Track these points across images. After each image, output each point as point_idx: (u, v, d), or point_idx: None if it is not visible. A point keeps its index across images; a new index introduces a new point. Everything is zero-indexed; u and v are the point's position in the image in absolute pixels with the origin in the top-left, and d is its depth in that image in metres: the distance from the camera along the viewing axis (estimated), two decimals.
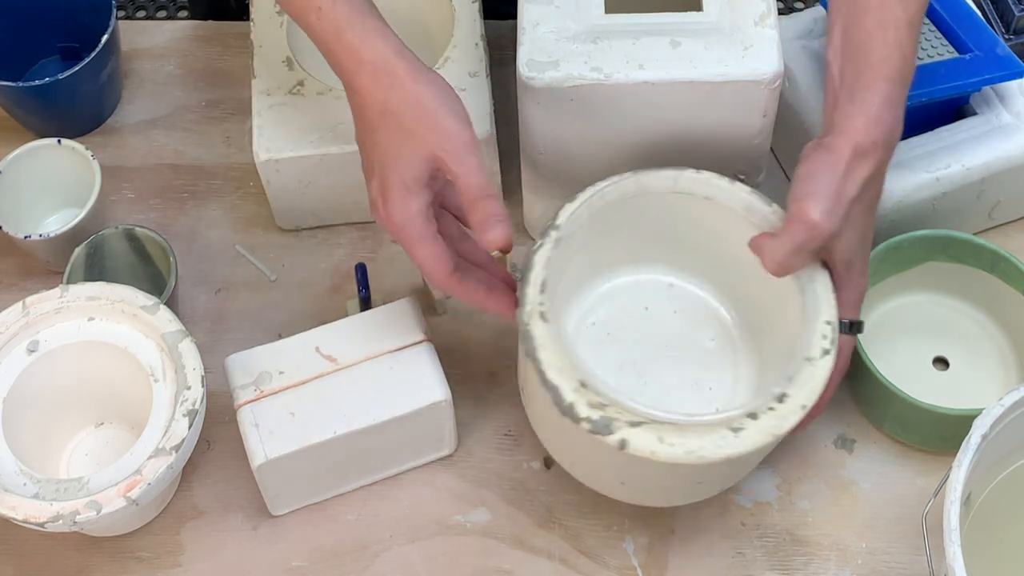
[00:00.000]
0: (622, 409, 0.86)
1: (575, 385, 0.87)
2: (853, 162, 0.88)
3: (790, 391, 0.87)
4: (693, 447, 0.85)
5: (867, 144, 0.88)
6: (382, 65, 0.89)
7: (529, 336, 0.88)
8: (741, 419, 0.86)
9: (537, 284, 0.90)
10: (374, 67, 0.89)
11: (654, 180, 0.96)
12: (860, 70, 0.90)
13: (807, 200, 0.87)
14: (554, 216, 0.93)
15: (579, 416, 0.86)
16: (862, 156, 0.88)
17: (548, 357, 0.87)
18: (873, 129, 0.89)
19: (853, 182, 0.88)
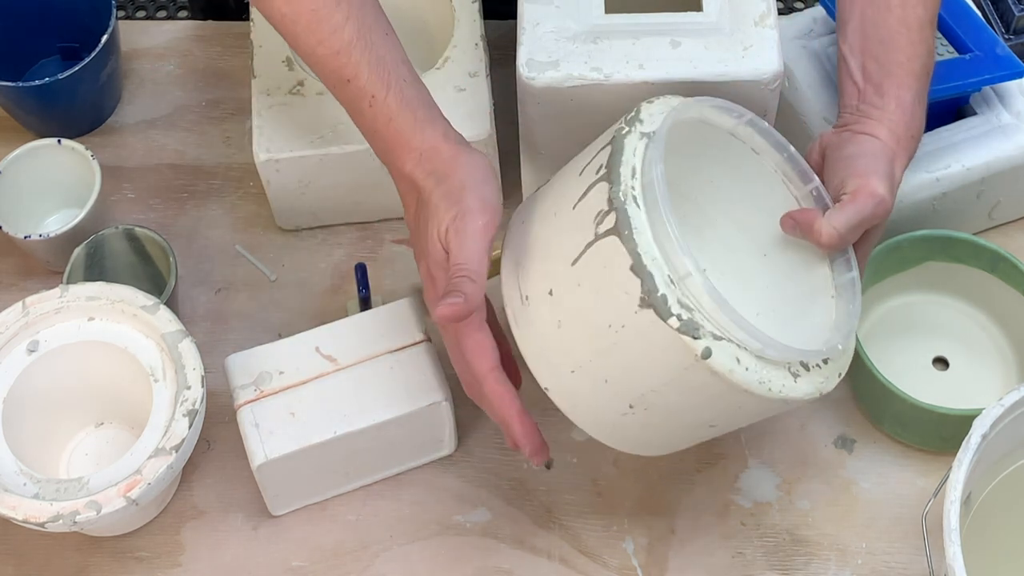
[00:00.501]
0: (707, 317, 0.81)
1: (665, 279, 0.81)
2: (896, 151, 0.91)
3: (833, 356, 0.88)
4: (764, 378, 0.82)
5: (905, 137, 0.92)
6: (433, 151, 0.89)
7: (625, 216, 0.82)
8: (798, 367, 0.85)
9: (629, 167, 0.84)
10: (420, 155, 0.89)
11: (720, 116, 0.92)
12: (888, 68, 0.93)
13: (874, 176, 0.89)
14: (632, 111, 0.89)
15: (670, 311, 0.80)
16: (901, 147, 0.92)
17: (644, 242, 0.81)
18: (910, 123, 0.92)
19: (900, 170, 0.92)
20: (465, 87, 1.08)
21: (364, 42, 0.89)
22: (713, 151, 0.94)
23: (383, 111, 0.90)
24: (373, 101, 0.90)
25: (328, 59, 0.90)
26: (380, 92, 0.90)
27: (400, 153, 0.90)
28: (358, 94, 0.90)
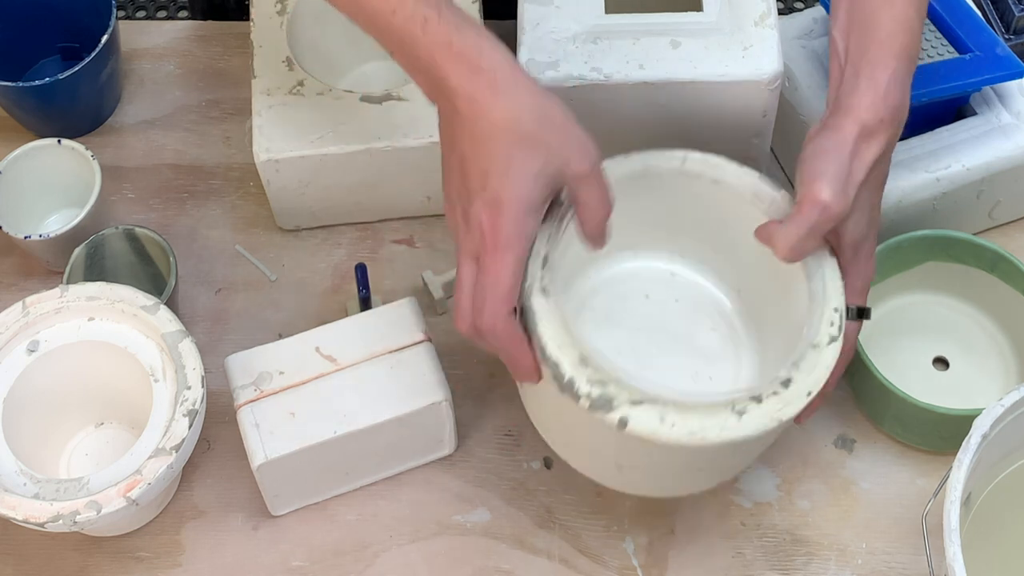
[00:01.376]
0: (623, 387, 0.84)
1: (575, 360, 0.84)
2: (860, 143, 0.87)
3: (795, 376, 0.86)
4: (695, 428, 0.83)
5: (874, 122, 0.87)
6: (503, 75, 0.82)
7: (530, 310, 0.86)
8: (745, 402, 0.84)
9: (539, 259, 0.87)
10: (494, 77, 0.82)
11: (662, 160, 0.93)
12: (866, 46, 0.89)
13: (817, 181, 0.85)
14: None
15: (579, 392, 0.83)
16: (869, 135, 0.87)
17: (548, 331, 0.85)
18: (880, 106, 0.87)
19: (861, 163, 0.87)
20: None
21: None
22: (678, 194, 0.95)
23: (441, 33, 0.82)
24: (426, 25, 0.83)
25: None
26: (432, 14, 0.83)
27: (464, 74, 0.82)
28: (407, 22, 0.83)
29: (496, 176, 0.81)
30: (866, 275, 0.91)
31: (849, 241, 0.89)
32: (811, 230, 0.86)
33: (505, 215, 0.81)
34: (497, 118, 0.81)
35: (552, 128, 0.82)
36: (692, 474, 0.92)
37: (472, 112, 0.82)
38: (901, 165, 1.03)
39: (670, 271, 1.00)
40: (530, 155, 0.81)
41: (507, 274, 0.82)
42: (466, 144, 0.83)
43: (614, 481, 0.93)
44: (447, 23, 0.83)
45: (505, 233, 0.81)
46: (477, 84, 0.82)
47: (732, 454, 0.89)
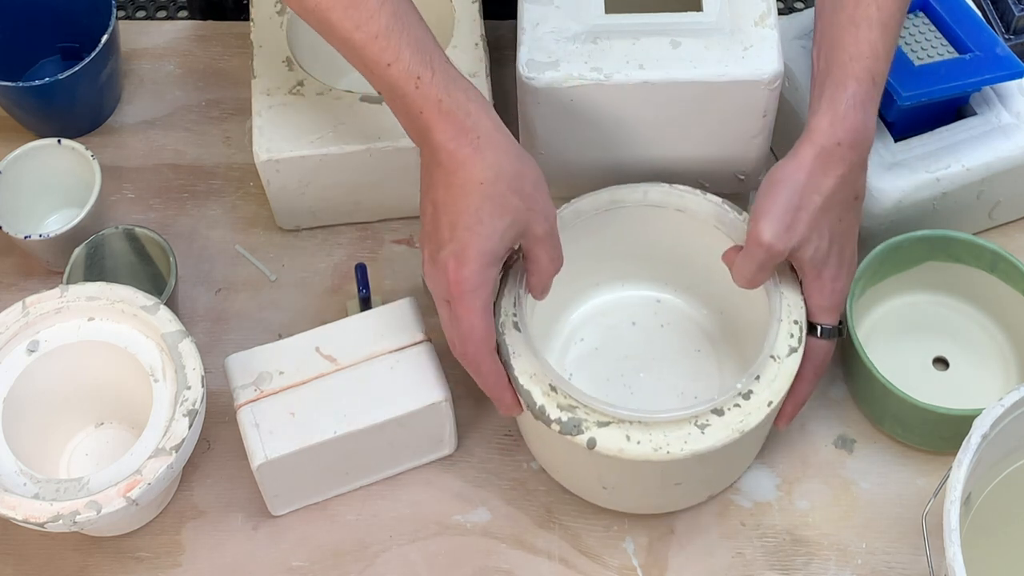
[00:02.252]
0: (591, 410, 0.89)
1: (545, 389, 0.90)
2: (816, 170, 0.89)
3: (755, 388, 0.91)
4: (660, 444, 0.88)
5: (831, 145, 0.89)
6: (485, 137, 0.88)
7: (503, 344, 0.93)
8: (707, 415, 0.89)
9: (511, 296, 0.94)
10: (477, 137, 0.87)
11: (626, 193, 0.99)
12: (829, 68, 0.91)
13: (761, 221, 0.89)
14: None
15: (550, 418, 0.90)
16: (826, 161, 0.89)
17: (520, 364, 0.92)
18: (838, 128, 0.89)
19: (816, 192, 0.89)
20: None
21: (402, 24, 0.88)
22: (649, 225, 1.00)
23: (432, 92, 0.88)
24: (419, 83, 0.88)
25: (367, 44, 0.88)
26: (425, 73, 0.88)
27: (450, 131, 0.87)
28: (401, 77, 0.88)
29: (463, 228, 0.87)
30: (833, 295, 0.93)
31: (809, 265, 0.92)
32: (759, 266, 0.91)
33: (469, 266, 0.87)
34: (474, 175, 0.87)
35: (522, 194, 0.88)
36: (671, 489, 0.95)
37: (451, 165, 0.88)
38: (901, 165, 1.03)
39: (655, 298, 1.05)
40: (498, 214, 0.87)
41: (479, 319, 0.88)
42: (440, 192, 0.88)
43: (603, 500, 0.98)
44: (438, 84, 0.88)
45: (470, 282, 0.87)
46: (460, 142, 0.87)
47: (704, 468, 0.93)
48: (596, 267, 1.03)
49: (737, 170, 1.05)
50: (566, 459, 0.96)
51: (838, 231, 0.92)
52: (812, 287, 0.93)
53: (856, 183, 0.92)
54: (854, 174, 0.91)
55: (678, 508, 0.99)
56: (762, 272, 0.91)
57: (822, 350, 0.94)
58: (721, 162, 1.04)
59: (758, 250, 0.90)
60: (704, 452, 0.88)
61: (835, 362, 1.05)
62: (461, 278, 0.87)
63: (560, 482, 1.00)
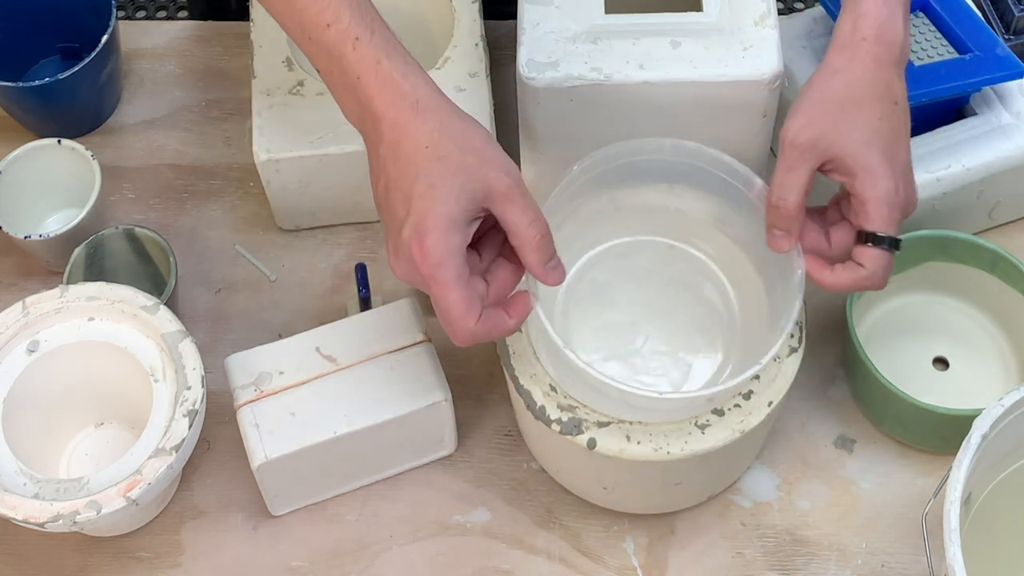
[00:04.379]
0: (591, 410, 0.89)
1: (545, 389, 0.90)
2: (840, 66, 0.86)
3: (755, 388, 0.90)
4: (660, 444, 0.88)
5: (855, 42, 0.86)
6: (425, 99, 0.83)
7: (504, 346, 0.92)
8: (707, 415, 0.89)
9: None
10: (416, 100, 0.83)
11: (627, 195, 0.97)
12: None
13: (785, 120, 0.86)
14: None
15: (550, 419, 0.90)
16: (851, 56, 0.86)
17: (521, 365, 0.92)
18: (861, 26, 0.86)
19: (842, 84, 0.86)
20: (465, 87, 1.08)
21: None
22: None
23: (370, 53, 0.83)
24: (357, 43, 0.83)
25: (308, 4, 0.84)
26: (364, 34, 0.83)
27: (388, 98, 0.83)
28: (340, 37, 0.83)
29: (417, 198, 0.82)
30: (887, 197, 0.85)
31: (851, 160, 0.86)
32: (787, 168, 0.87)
33: (431, 235, 0.81)
34: (419, 140, 0.82)
35: (471, 150, 0.83)
36: (671, 489, 0.95)
37: (394, 135, 0.83)
38: None
39: (668, 245, 1.00)
40: (450, 175, 0.82)
41: (454, 295, 0.82)
42: (391, 170, 0.84)
43: (604, 500, 0.98)
44: (377, 46, 0.84)
45: (436, 253, 0.81)
46: (400, 107, 0.83)
47: (705, 468, 0.92)
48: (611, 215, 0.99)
49: None
50: (566, 459, 0.96)
51: (880, 130, 0.86)
52: (860, 187, 0.85)
53: (891, 84, 0.87)
54: (885, 72, 0.86)
55: (678, 508, 0.99)
56: (792, 175, 0.86)
57: (875, 263, 0.86)
58: None
59: (788, 150, 0.85)
60: (704, 452, 0.89)
61: (835, 362, 1.05)
62: (425, 251, 0.81)
63: (560, 482, 1.00)
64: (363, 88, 0.84)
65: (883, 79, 0.86)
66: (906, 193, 0.87)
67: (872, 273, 0.86)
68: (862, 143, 0.85)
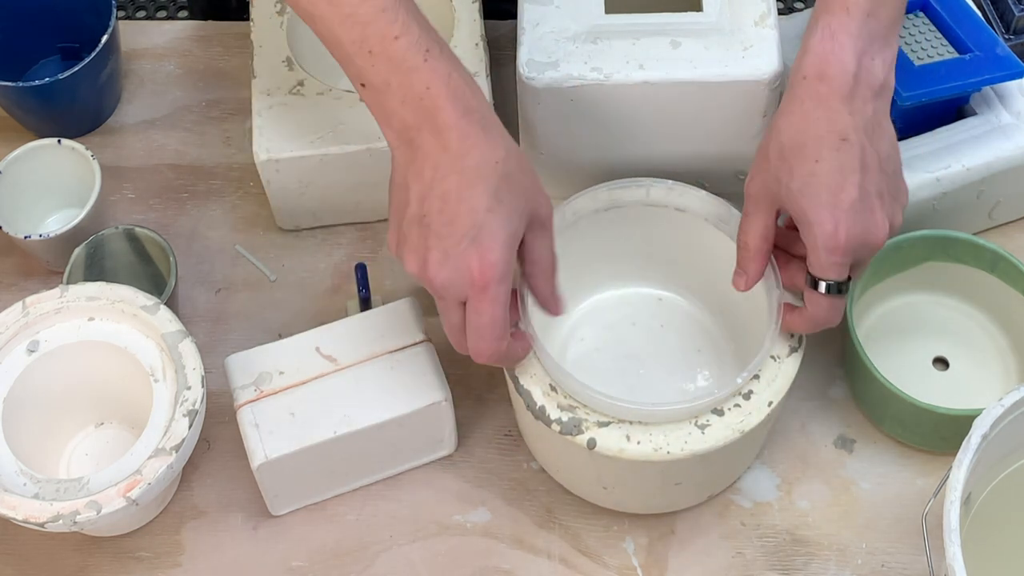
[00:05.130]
0: (591, 410, 0.89)
1: (545, 389, 0.90)
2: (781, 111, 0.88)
3: (755, 388, 0.90)
4: (660, 444, 0.88)
5: (796, 81, 0.87)
6: (490, 118, 0.85)
7: None
8: (707, 415, 0.89)
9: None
10: (483, 116, 0.84)
11: (625, 193, 0.98)
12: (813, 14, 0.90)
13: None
14: None
15: (550, 419, 0.90)
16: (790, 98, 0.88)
17: (520, 365, 0.92)
18: (803, 64, 0.87)
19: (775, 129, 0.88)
20: None
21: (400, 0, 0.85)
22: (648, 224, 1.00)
23: (441, 66, 0.84)
24: (428, 55, 0.83)
25: (375, 17, 0.84)
26: (434, 47, 0.84)
27: (457, 110, 0.83)
28: (411, 49, 0.83)
29: (485, 211, 0.82)
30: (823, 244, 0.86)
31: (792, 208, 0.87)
32: None
33: (496, 252, 0.82)
34: (489, 155, 0.83)
35: (528, 172, 0.86)
36: (671, 489, 0.95)
37: (463, 147, 0.83)
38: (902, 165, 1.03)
39: (657, 297, 1.04)
40: (516, 192, 0.83)
41: (501, 313, 0.83)
42: (451, 180, 0.83)
43: (604, 500, 0.98)
44: (446, 60, 0.85)
45: (498, 269, 0.82)
46: (471, 120, 0.83)
47: (705, 468, 0.92)
48: (595, 267, 1.02)
49: (737, 169, 1.05)
50: (566, 459, 0.96)
51: (816, 173, 0.85)
52: (802, 234, 0.87)
53: (834, 120, 0.85)
54: (826, 109, 0.85)
55: (678, 508, 0.99)
56: (748, 220, 0.90)
57: (813, 305, 0.89)
58: (721, 162, 1.04)
59: (745, 198, 0.89)
60: (704, 452, 0.89)
61: (835, 362, 1.05)
62: (488, 265, 0.81)
63: (560, 482, 1.00)
64: (432, 98, 0.83)
65: (823, 118, 0.86)
66: (851, 232, 0.85)
67: (812, 315, 0.89)
68: (796, 191, 0.86)
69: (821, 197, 0.85)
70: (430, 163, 0.84)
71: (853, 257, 0.86)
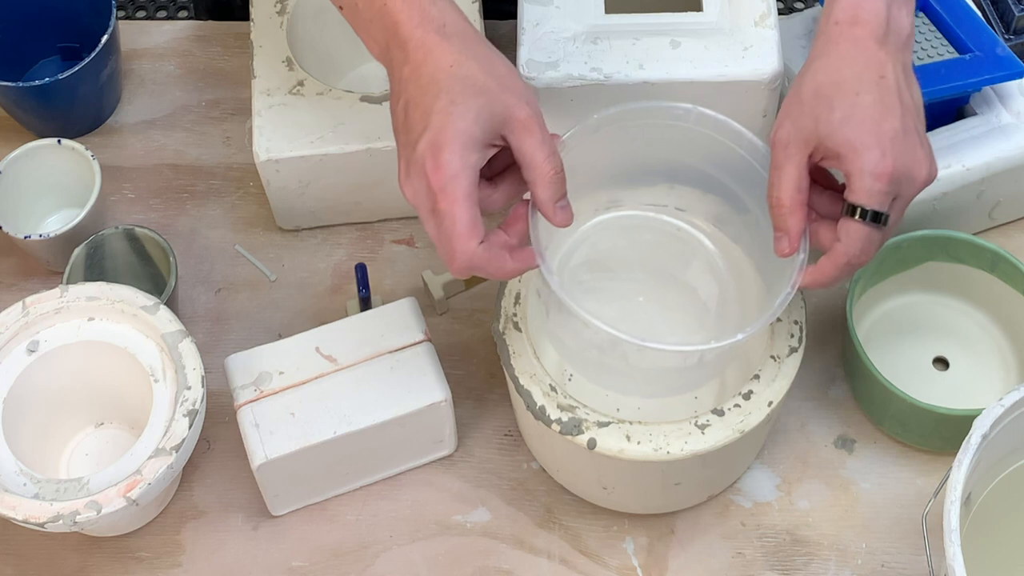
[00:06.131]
0: (591, 410, 0.90)
1: (545, 389, 0.90)
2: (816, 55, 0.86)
3: (755, 388, 0.90)
4: (660, 444, 0.88)
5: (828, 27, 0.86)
6: (452, 24, 0.84)
7: (504, 346, 0.92)
8: (707, 415, 0.89)
9: (512, 295, 0.93)
10: (443, 24, 0.84)
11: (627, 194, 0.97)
12: None
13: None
14: None
15: (550, 419, 0.90)
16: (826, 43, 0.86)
17: (521, 365, 0.92)
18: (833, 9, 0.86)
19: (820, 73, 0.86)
20: None
21: None
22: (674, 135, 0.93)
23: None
24: None
25: None
26: None
27: (416, 18, 0.84)
28: None
29: (436, 113, 0.81)
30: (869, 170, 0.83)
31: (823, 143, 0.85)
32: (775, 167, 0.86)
33: (447, 149, 0.80)
34: (443, 60, 0.83)
35: (494, 75, 0.83)
36: (671, 489, 0.95)
37: (420, 56, 0.83)
38: None
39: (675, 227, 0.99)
40: (471, 95, 0.82)
41: (461, 211, 0.81)
42: (411, 89, 0.83)
43: (604, 500, 0.98)
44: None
45: (451, 167, 0.80)
46: (427, 29, 0.84)
47: (705, 468, 0.92)
48: (616, 178, 0.97)
49: None
50: (566, 459, 0.96)
51: (859, 104, 0.84)
52: (844, 164, 0.84)
53: (870, 60, 0.85)
54: (863, 50, 0.85)
55: (678, 508, 0.99)
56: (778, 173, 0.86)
57: (859, 237, 0.84)
58: None
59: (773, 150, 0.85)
60: (704, 452, 0.89)
61: (835, 362, 1.05)
62: (440, 164, 0.80)
63: (560, 482, 1.00)
64: (390, 12, 0.84)
65: (860, 57, 0.85)
66: (897, 161, 0.83)
67: (847, 247, 0.84)
68: (839, 121, 0.84)
69: (866, 125, 0.84)
70: (398, 78, 0.85)
71: (897, 189, 0.84)
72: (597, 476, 0.94)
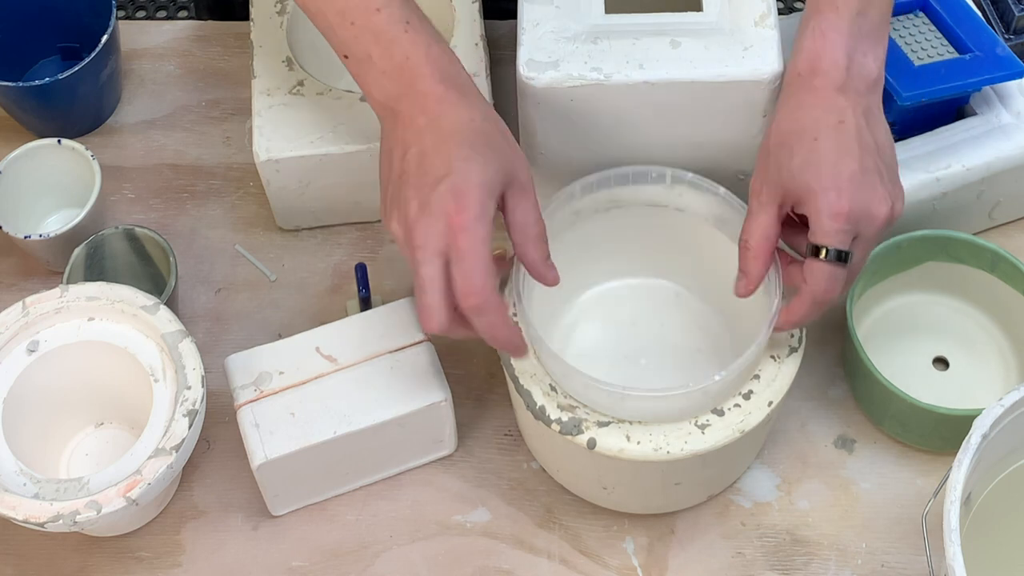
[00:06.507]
0: (591, 410, 0.90)
1: (545, 389, 0.91)
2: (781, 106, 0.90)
3: (755, 388, 0.91)
4: (660, 444, 0.89)
5: (791, 78, 0.90)
6: (469, 86, 0.89)
7: None
8: (707, 415, 0.89)
9: (511, 296, 0.93)
10: (462, 84, 0.88)
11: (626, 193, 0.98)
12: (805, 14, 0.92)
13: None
14: None
15: (550, 418, 0.90)
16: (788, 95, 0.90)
17: (520, 364, 0.92)
18: (797, 62, 0.90)
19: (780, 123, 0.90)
20: None
21: None
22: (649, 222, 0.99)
23: (420, 37, 0.88)
24: (408, 27, 0.88)
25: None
26: (413, 20, 0.88)
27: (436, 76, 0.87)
28: (391, 21, 0.88)
29: (460, 160, 0.84)
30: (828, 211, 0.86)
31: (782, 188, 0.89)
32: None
33: (472, 193, 0.83)
34: (463, 115, 0.86)
35: (503, 137, 0.88)
36: (671, 489, 0.95)
37: (439, 109, 0.86)
38: (901, 165, 1.03)
39: (659, 293, 1.04)
40: (491, 148, 0.86)
41: (484, 249, 0.83)
42: (428, 138, 0.86)
43: (604, 500, 0.98)
44: (425, 32, 0.88)
45: (474, 211, 0.83)
46: (449, 86, 0.87)
47: (705, 468, 0.92)
48: (595, 261, 1.02)
49: (738, 170, 1.04)
50: (566, 459, 0.96)
51: (817, 150, 0.87)
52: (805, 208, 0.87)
53: (829, 107, 0.87)
54: (822, 98, 0.88)
55: (678, 508, 0.99)
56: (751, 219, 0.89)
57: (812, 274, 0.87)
58: (721, 162, 1.04)
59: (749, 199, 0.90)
60: (704, 452, 0.89)
61: (835, 362, 1.05)
62: (464, 206, 0.82)
63: (560, 482, 1.00)
64: (411, 67, 0.87)
65: (819, 104, 0.89)
66: (854, 201, 0.86)
67: (811, 288, 0.87)
68: (798, 167, 0.87)
69: (823, 168, 0.86)
70: (411, 127, 0.87)
71: (856, 228, 0.87)
72: (597, 476, 0.94)
